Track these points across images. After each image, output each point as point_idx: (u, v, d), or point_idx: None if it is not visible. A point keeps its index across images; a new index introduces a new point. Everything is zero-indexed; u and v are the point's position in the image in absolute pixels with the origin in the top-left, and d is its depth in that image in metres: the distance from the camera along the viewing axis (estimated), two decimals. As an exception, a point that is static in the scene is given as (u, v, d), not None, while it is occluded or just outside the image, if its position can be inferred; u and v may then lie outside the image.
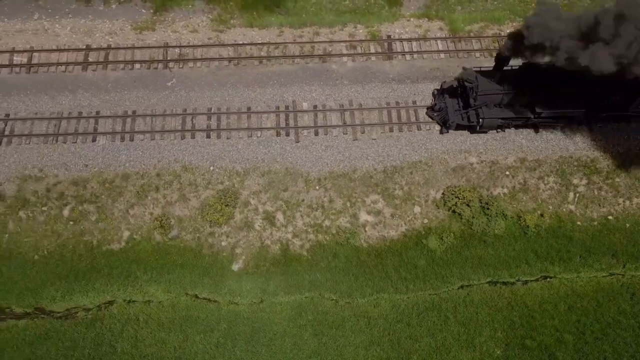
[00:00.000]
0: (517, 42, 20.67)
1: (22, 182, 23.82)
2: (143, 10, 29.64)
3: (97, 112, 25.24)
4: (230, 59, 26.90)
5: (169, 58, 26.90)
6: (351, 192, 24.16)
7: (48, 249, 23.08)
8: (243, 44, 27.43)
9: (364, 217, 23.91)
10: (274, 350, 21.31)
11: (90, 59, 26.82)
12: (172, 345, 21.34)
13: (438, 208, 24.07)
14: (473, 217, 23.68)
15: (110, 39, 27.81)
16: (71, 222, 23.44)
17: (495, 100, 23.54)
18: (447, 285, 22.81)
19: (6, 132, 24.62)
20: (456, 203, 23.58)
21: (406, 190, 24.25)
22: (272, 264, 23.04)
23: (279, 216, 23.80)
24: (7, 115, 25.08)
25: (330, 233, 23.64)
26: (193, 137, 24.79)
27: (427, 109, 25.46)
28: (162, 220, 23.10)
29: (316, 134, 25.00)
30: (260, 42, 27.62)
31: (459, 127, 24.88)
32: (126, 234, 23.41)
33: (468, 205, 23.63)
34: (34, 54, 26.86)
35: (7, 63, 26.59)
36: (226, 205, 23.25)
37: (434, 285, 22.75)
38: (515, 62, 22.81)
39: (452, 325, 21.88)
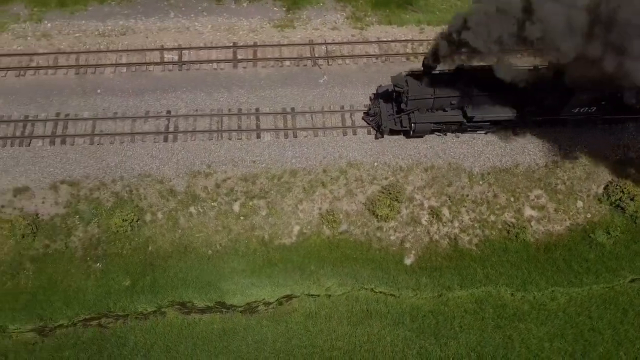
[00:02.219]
0: (442, 45, 20.26)
1: (191, 178, 24.09)
2: (275, 9, 29.92)
3: (257, 109, 25.50)
4: (377, 56, 27.13)
5: (316, 55, 27.14)
6: (514, 187, 24.38)
7: (221, 244, 23.33)
8: (387, 41, 27.65)
9: (528, 212, 24.12)
10: (461, 343, 21.53)
11: (239, 57, 27.07)
12: (359, 339, 21.56)
13: (600, 202, 24.27)
14: (636, 212, 23.87)
15: (255, 37, 28.07)
16: (242, 217, 23.69)
17: (427, 105, 23.30)
18: (618, 279, 22.97)
19: (170, 129, 24.89)
20: (620, 197, 23.78)
21: (568, 185, 24.45)
22: (443, 258, 23.27)
23: (445, 211, 24.02)
24: (169, 112, 25.36)
25: (497, 228, 23.85)
26: (355, 133, 25.02)
27: (364, 113, 25.22)
28: (333, 215, 23.34)
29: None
30: (403, 39, 27.84)
31: (392, 132, 24.61)
32: (296, 228, 23.65)
33: (632, 199, 23.82)
34: (183, 51, 27.14)
35: (158, 60, 26.86)
36: (395, 201, 23.49)
37: (606, 278, 22.92)
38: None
39: (632, 318, 22.05)
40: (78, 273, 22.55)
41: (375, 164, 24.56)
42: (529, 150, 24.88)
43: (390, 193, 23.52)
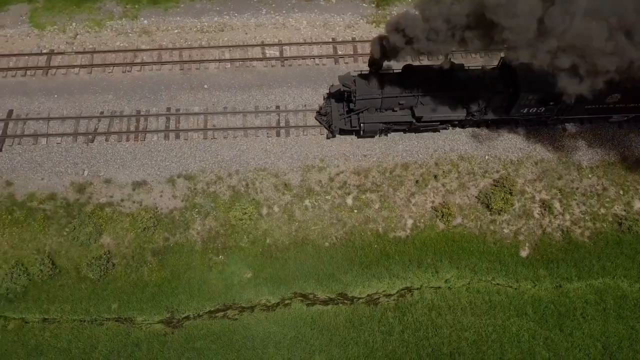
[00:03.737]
0: (386, 44, 20.12)
1: (305, 172, 24.35)
2: (364, 5, 30.18)
3: (364, 104, 25.72)
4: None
5: (415, 50, 27.33)
6: (623, 180, 24.58)
7: (336, 237, 23.57)
8: (484, 37, 27.82)
9: (638, 204, 24.31)
10: (585, 333, 21.74)
11: (339, 52, 27.32)
12: (485, 330, 21.77)
13: None
14: None
15: (352, 33, 28.32)
16: (355, 211, 23.94)
17: (376, 105, 23.18)
18: None
19: (281, 124, 25.14)
20: None
21: (677, 178, 24.66)
22: (558, 250, 23.45)
23: (556, 204, 24.22)
24: (278, 107, 25.63)
25: (607, 221, 24.03)
26: (463, 127, 25.23)
27: (316, 112, 25.25)
28: (448, 208, 23.56)
29: (581, 123, 25.41)
30: (500, 34, 28.01)
31: (343, 132, 24.57)
32: (409, 221, 23.89)
33: None
34: (284, 47, 27.39)
35: (260, 56, 27.13)
36: (509, 194, 23.70)
37: None
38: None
39: None
40: (200, 265, 22.84)
41: (487, 157, 24.79)
42: (637, 143, 25.07)
43: (504, 186, 23.74)
